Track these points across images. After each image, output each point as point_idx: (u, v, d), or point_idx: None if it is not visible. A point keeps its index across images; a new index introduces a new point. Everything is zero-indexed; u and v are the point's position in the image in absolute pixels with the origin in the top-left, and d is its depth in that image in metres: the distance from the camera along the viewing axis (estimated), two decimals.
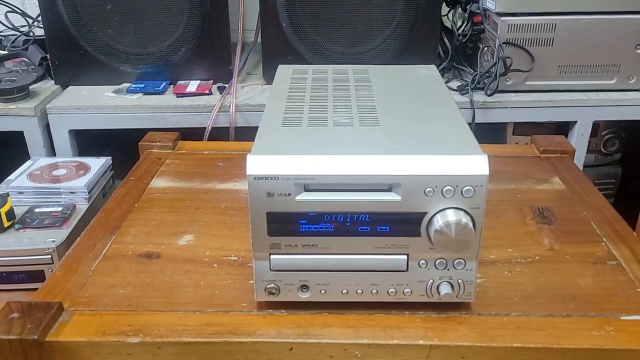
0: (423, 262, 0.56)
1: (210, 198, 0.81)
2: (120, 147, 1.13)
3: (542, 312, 0.59)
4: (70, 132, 1.18)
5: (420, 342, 0.55)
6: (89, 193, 0.95)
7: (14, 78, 1.19)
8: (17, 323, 0.55)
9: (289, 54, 1.21)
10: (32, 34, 1.35)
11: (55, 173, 1.00)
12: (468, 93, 1.19)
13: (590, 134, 1.23)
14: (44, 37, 1.22)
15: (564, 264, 0.66)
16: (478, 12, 1.24)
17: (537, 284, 0.63)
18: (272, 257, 0.56)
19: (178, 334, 0.56)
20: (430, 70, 0.79)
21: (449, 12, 1.32)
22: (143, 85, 1.23)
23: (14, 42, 1.34)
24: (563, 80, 1.21)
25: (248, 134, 1.08)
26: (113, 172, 1.06)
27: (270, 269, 0.56)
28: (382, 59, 1.21)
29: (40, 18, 1.21)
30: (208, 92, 1.21)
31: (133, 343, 0.55)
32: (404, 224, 0.54)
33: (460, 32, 1.30)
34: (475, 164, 0.52)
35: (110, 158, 1.06)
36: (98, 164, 1.03)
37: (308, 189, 0.53)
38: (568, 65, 1.19)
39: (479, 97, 1.19)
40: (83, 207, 0.93)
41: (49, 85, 1.25)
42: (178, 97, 1.20)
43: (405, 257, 0.56)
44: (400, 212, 0.53)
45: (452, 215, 0.52)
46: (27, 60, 1.30)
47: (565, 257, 0.68)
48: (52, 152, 1.18)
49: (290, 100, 0.68)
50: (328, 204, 0.53)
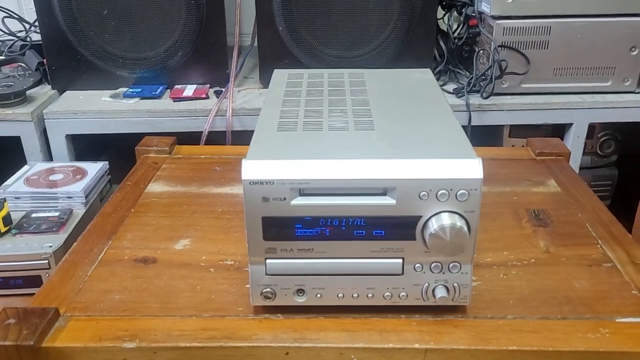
0: (418, 265, 0.56)
1: (207, 202, 0.81)
2: (117, 151, 1.13)
3: (537, 314, 0.59)
4: (67, 136, 1.18)
5: (416, 345, 0.55)
6: (86, 198, 0.96)
7: (11, 83, 1.19)
8: (13, 329, 0.55)
9: (286, 58, 1.21)
10: (29, 39, 1.36)
11: (52, 178, 1.00)
12: (464, 96, 1.19)
13: (587, 136, 1.23)
14: (41, 42, 1.22)
15: (560, 267, 0.67)
16: (473, 15, 1.24)
17: (532, 287, 0.63)
18: (267, 261, 0.56)
19: (174, 339, 0.56)
20: (425, 74, 0.80)
21: (445, 15, 1.33)
22: (140, 90, 1.23)
23: (11, 47, 1.35)
24: (558, 83, 1.21)
25: (245, 138, 1.08)
26: (110, 176, 1.07)
27: (266, 274, 0.57)
28: (378, 62, 1.22)
29: (37, 23, 1.21)
30: (205, 96, 1.22)
31: (129, 348, 0.55)
32: (399, 228, 0.54)
33: (456, 35, 1.30)
34: (470, 168, 0.52)
35: (107, 163, 1.06)
36: (95, 169, 1.03)
37: (303, 194, 0.53)
38: (563, 68, 1.20)
39: (475, 100, 1.20)
40: (80, 211, 0.93)
41: (46, 90, 1.25)
42: (175, 101, 1.20)
43: (401, 260, 0.56)
44: (395, 216, 0.53)
45: (446, 219, 0.53)
46: (24, 65, 1.31)
47: (561, 259, 0.68)
48: (49, 157, 1.18)
49: (286, 105, 0.68)
50: (323, 208, 0.53)
